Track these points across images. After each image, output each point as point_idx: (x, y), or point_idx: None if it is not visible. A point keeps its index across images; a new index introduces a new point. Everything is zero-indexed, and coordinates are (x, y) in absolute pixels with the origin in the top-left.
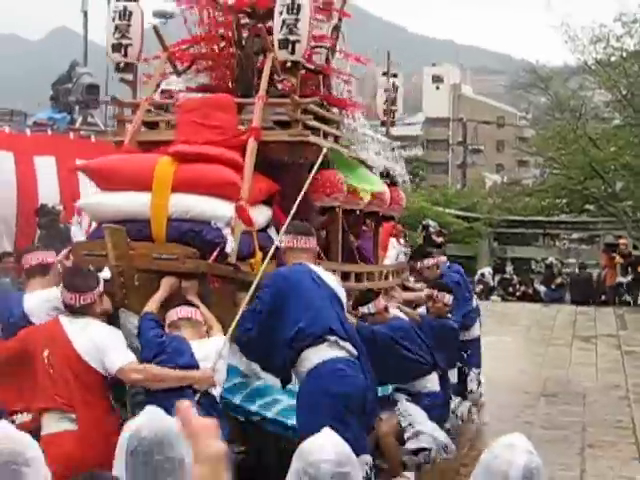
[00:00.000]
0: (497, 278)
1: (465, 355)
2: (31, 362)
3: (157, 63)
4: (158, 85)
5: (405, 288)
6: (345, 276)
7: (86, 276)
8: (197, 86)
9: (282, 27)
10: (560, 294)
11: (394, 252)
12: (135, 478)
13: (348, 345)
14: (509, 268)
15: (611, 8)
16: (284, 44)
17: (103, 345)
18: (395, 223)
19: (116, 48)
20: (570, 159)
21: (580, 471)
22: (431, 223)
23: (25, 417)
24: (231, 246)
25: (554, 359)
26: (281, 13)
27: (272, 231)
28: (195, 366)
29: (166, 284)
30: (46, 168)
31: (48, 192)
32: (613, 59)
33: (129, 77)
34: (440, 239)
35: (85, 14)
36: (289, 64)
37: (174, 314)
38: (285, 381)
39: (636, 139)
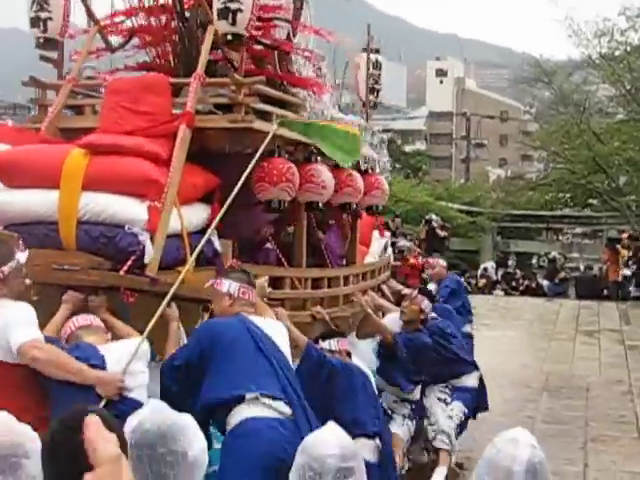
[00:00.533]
0: (500, 272)
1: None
2: None
3: (86, 38)
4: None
5: (382, 295)
6: (314, 282)
7: None
8: (136, 64)
9: None
10: (563, 288)
11: (377, 246)
12: (138, 470)
13: (279, 404)
14: (512, 262)
15: (615, 2)
16: (224, 14)
17: (6, 325)
18: (377, 214)
19: (34, 22)
20: (574, 153)
21: (583, 465)
22: (434, 217)
23: None
24: (150, 254)
25: (557, 354)
26: None
27: (213, 233)
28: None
29: (68, 300)
30: None
31: None
32: (617, 53)
33: (53, 55)
34: (443, 233)
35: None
36: (230, 37)
37: (70, 326)
38: None
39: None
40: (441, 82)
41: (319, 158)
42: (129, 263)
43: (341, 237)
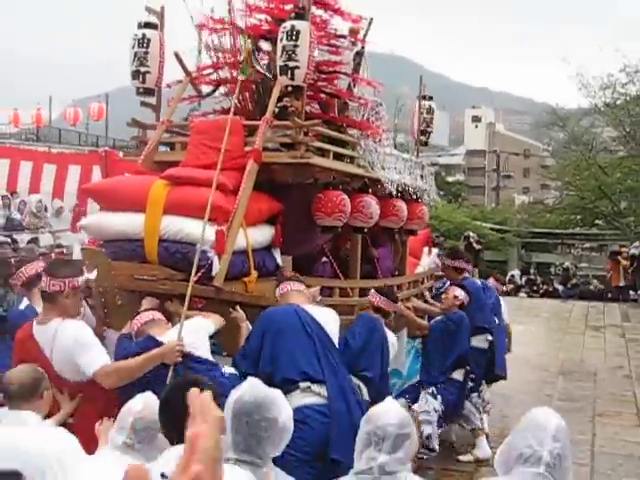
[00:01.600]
0: (524, 279)
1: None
2: None
3: (179, 87)
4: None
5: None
6: (362, 291)
7: (64, 264)
8: (221, 108)
9: (282, 53)
10: (574, 292)
11: (426, 260)
12: (238, 433)
13: (322, 389)
14: (533, 270)
15: (618, 60)
16: (284, 70)
17: (74, 348)
18: (429, 233)
19: (135, 75)
20: (583, 183)
21: (591, 435)
22: (471, 234)
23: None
24: (216, 268)
25: (570, 344)
26: (281, 40)
27: (275, 251)
28: None
29: (146, 304)
30: None
31: None
32: (619, 102)
33: (151, 101)
34: (478, 246)
35: (197, 69)
36: (290, 88)
37: (136, 323)
38: None
39: (637, 167)
40: (476, 126)
41: (370, 189)
42: (199, 275)
43: (392, 252)
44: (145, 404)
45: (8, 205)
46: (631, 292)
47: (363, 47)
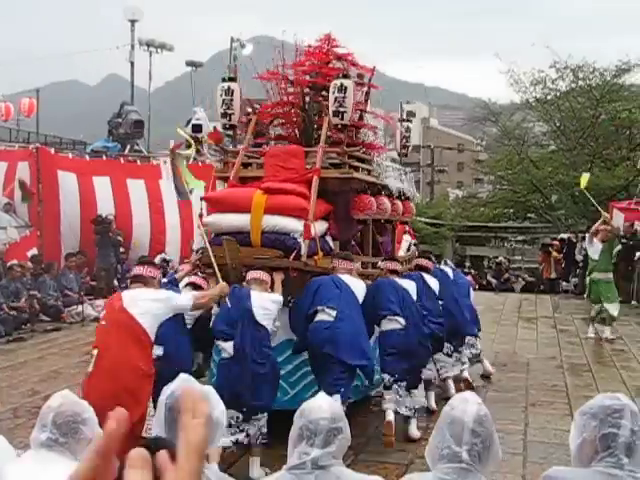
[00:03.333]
0: None
1: None
2: None
3: (250, 122)
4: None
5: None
6: (373, 265)
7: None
8: (275, 135)
9: (334, 102)
10: (507, 285)
11: (405, 244)
12: (171, 429)
13: (332, 312)
14: (468, 264)
15: (548, 57)
16: (336, 114)
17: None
18: (407, 224)
19: (223, 116)
20: (515, 177)
21: (524, 425)
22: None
23: None
24: (304, 249)
25: (503, 336)
26: (334, 92)
27: (328, 237)
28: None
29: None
30: (103, 186)
31: (104, 205)
32: (549, 97)
33: (230, 132)
34: (414, 240)
35: (132, 64)
36: (340, 126)
37: (249, 275)
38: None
39: (567, 161)
40: (410, 122)
41: (383, 192)
42: (293, 255)
43: (391, 239)
44: (63, 399)
45: None
46: (563, 283)
47: (369, 88)
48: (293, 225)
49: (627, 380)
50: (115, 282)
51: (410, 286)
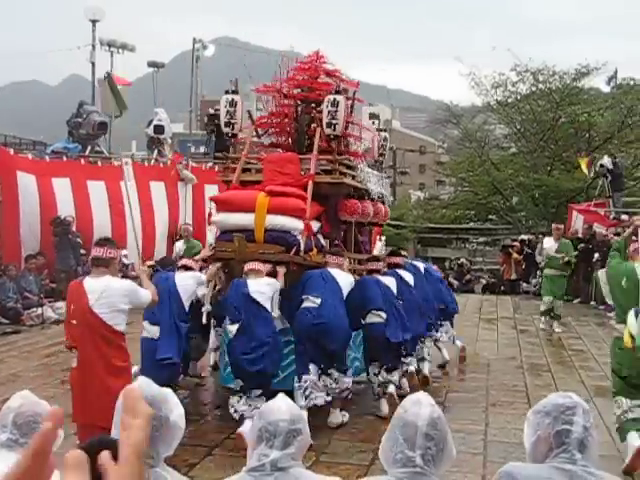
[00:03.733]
0: None
1: None
2: None
3: (247, 130)
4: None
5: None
6: (357, 260)
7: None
8: (269, 143)
9: (327, 115)
10: (468, 287)
11: (379, 244)
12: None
13: (316, 299)
14: None
15: (508, 60)
16: (328, 125)
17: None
18: (380, 227)
19: (227, 125)
20: (477, 179)
21: (485, 425)
22: None
23: None
24: (302, 246)
25: (464, 337)
26: (327, 106)
27: (320, 236)
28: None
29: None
30: (63, 187)
31: (64, 206)
32: (510, 100)
33: (232, 140)
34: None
35: (93, 64)
36: (332, 137)
37: (246, 267)
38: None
39: (528, 164)
40: (373, 123)
41: (366, 197)
42: (293, 251)
43: (368, 239)
44: (23, 400)
45: None
46: (524, 284)
47: (354, 102)
48: (293, 224)
49: (586, 380)
50: None
51: (391, 283)
